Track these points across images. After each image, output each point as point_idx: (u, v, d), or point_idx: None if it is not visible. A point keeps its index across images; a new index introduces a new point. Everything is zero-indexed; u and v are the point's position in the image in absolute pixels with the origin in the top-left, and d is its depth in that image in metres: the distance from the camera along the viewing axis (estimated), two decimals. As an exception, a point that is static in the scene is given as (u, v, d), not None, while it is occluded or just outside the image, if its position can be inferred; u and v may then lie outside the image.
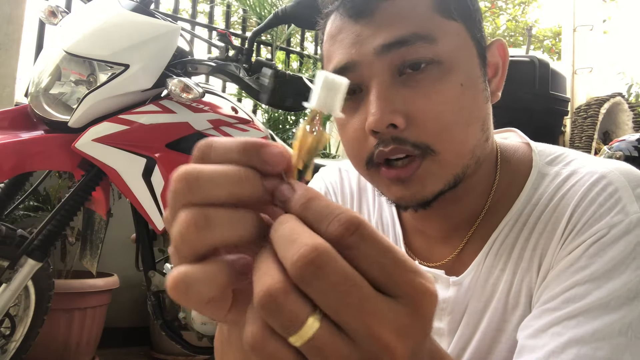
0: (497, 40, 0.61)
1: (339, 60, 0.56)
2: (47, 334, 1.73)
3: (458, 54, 0.54)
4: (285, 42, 3.49)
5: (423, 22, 0.53)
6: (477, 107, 0.56)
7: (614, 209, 0.50)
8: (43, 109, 1.38)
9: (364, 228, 0.26)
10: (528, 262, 0.55)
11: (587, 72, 5.35)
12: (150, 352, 2.44)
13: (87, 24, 1.40)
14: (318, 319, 0.25)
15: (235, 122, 1.58)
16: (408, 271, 0.26)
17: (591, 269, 0.48)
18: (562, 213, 0.54)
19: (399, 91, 0.53)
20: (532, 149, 0.63)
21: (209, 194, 0.28)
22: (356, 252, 0.26)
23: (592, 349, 0.45)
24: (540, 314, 0.50)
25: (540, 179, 0.58)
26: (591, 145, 4.92)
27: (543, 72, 1.99)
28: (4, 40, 2.33)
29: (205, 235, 0.27)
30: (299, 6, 1.38)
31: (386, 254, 0.26)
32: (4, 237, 1.41)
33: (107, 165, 1.37)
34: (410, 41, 0.52)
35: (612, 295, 0.47)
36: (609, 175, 0.53)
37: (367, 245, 0.26)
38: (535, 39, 9.20)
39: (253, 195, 0.29)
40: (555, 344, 0.47)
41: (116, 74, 1.37)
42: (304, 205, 0.27)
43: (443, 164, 0.54)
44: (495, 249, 0.58)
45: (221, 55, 1.59)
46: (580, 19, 5.46)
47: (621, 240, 0.49)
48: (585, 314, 0.47)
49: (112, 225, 1.57)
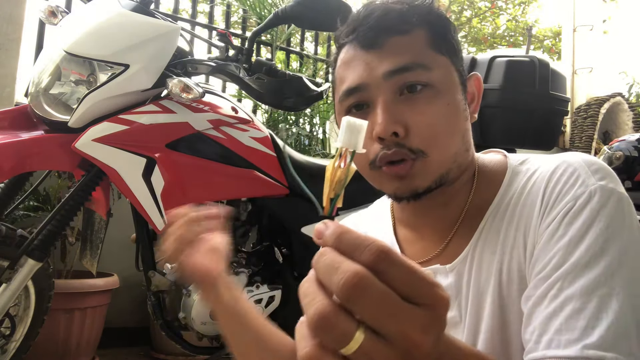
0: (474, 75, 0.76)
1: (352, 82, 0.69)
2: (47, 334, 1.73)
3: (446, 80, 0.69)
4: (285, 42, 3.49)
5: (421, 55, 0.68)
6: (459, 123, 0.70)
7: (577, 184, 0.62)
8: (43, 109, 1.38)
9: (391, 254, 0.32)
10: (514, 240, 0.66)
11: (587, 72, 5.35)
12: (150, 352, 2.44)
13: (87, 24, 1.40)
14: (363, 331, 0.31)
15: (235, 122, 1.58)
16: (428, 285, 0.33)
17: (568, 235, 0.59)
18: (536, 195, 0.65)
19: (400, 107, 0.67)
20: (506, 157, 0.76)
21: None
22: (387, 274, 0.32)
23: (584, 302, 0.54)
24: (537, 283, 0.59)
25: (514, 176, 0.71)
26: (591, 145, 4.92)
27: (543, 72, 1.98)
28: (4, 40, 2.33)
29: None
30: (299, 6, 1.38)
31: (411, 274, 0.33)
32: (4, 237, 1.41)
33: (107, 165, 1.37)
34: (411, 68, 0.67)
35: (589, 253, 0.57)
36: (568, 159, 0.65)
37: (396, 268, 0.32)
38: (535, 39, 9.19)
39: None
40: (554, 306, 0.56)
41: (116, 74, 1.37)
42: (338, 238, 0.34)
43: (432, 164, 0.67)
44: (484, 235, 0.69)
45: (221, 55, 1.59)
46: (580, 19, 5.46)
47: (586, 207, 0.60)
48: (571, 273, 0.56)
49: (112, 225, 1.57)
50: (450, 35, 0.72)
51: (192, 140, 1.50)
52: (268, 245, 1.73)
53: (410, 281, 0.32)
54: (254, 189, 1.62)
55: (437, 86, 0.67)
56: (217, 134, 1.54)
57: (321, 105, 3.17)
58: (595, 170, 0.63)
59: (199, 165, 1.50)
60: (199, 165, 1.50)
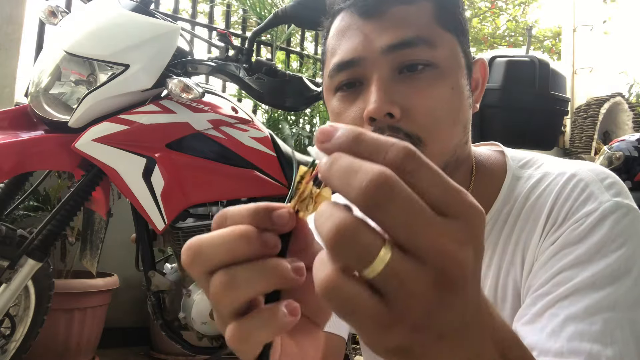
0: (480, 59, 0.69)
1: (345, 54, 0.61)
2: (47, 334, 1.73)
3: (452, 61, 0.61)
4: (285, 42, 3.49)
5: (425, 29, 0.59)
6: (462, 111, 0.62)
7: (588, 201, 0.56)
8: (43, 109, 1.38)
9: (419, 154, 0.27)
10: (511, 256, 0.60)
11: (587, 72, 5.35)
12: (150, 352, 2.44)
13: (87, 24, 1.40)
14: (389, 248, 0.26)
15: (235, 122, 1.58)
16: (459, 191, 0.28)
17: (575, 253, 0.54)
18: (541, 210, 0.59)
19: (397, 86, 0.58)
20: (504, 155, 0.69)
21: (213, 258, 0.32)
22: (416, 177, 0.27)
23: (587, 324, 0.49)
24: (534, 300, 0.54)
25: (515, 181, 0.64)
26: (591, 145, 4.92)
27: (543, 72, 1.98)
28: (4, 40, 2.34)
29: (232, 294, 0.31)
30: (299, 6, 1.38)
31: (441, 177, 0.27)
32: (4, 237, 1.41)
33: (107, 165, 1.37)
34: (415, 43, 0.58)
35: (597, 276, 0.52)
36: (578, 172, 0.60)
37: (425, 169, 0.27)
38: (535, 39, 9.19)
39: (251, 249, 0.32)
40: (554, 324, 0.51)
41: (116, 74, 1.37)
42: (356, 139, 0.28)
43: (428, 155, 0.56)
44: None
45: (221, 55, 1.59)
46: (580, 19, 5.46)
47: (599, 226, 0.54)
48: (575, 293, 0.51)
49: (112, 225, 1.57)
50: (459, 11, 0.64)
51: (192, 140, 1.50)
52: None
53: (443, 187, 0.27)
54: (254, 189, 1.62)
55: (442, 66, 0.59)
56: (217, 134, 1.54)
57: (321, 105, 3.17)
58: (609, 185, 0.58)
59: (199, 165, 1.50)
60: (199, 165, 1.50)
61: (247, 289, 0.31)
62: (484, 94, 0.70)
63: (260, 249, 0.31)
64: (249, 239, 0.31)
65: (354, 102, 0.61)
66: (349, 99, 0.62)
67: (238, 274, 0.31)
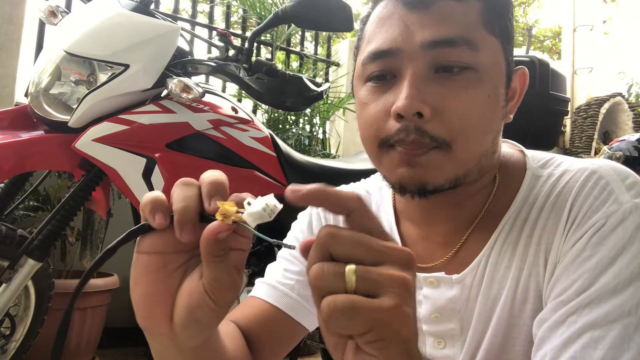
0: (521, 68, 0.66)
1: (382, 43, 0.58)
2: (47, 334, 1.73)
3: (492, 67, 0.58)
4: (285, 42, 3.49)
5: (470, 29, 0.57)
6: (495, 120, 0.60)
7: (609, 200, 0.55)
8: (43, 109, 1.38)
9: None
10: (533, 256, 0.58)
11: (587, 72, 5.35)
12: (150, 352, 2.44)
13: (87, 24, 1.40)
14: (350, 265, 0.37)
15: (235, 122, 1.58)
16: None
17: (596, 257, 0.52)
18: (562, 208, 0.58)
19: (432, 85, 0.56)
20: (525, 155, 0.68)
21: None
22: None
23: (604, 331, 0.48)
24: (555, 306, 0.53)
25: (534, 180, 0.63)
26: (591, 145, 4.92)
27: (543, 72, 1.98)
28: (4, 40, 2.34)
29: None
30: (299, 6, 1.38)
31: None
32: (4, 237, 1.41)
33: (107, 165, 1.37)
34: (456, 43, 0.56)
35: (618, 279, 0.50)
36: (599, 170, 0.58)
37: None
38: (535, 39, 9.19)
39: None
40: (572, 331, 0.50)
41: (116, 74, 1.37)
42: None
43: (452, 160, 0.57)
44: (498, 247, 0.61)
45: (221, 55, 1.59)
46: (580, 19, 5.46)
47: (619, 228, 0.53)
48: (596, 300, 0.50)
49: (112, 225, 1.57)
50: (508, 16, 0.61)
51: (192, 140, 1.50)
52: (268, 245, 1.73)
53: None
54: (254, 189, 1.62)
55: (481, 71, 0.57)
56: (217, 134, 1.54)
57: (321, 105, 3.17)
58: (630, 185, 0.56)
59: (199, 165, 1.50)
60: (199, 165, 1.50)
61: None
62: None
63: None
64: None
65: (383, 95, 0.59)
66: (379, 91, 0.60)
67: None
